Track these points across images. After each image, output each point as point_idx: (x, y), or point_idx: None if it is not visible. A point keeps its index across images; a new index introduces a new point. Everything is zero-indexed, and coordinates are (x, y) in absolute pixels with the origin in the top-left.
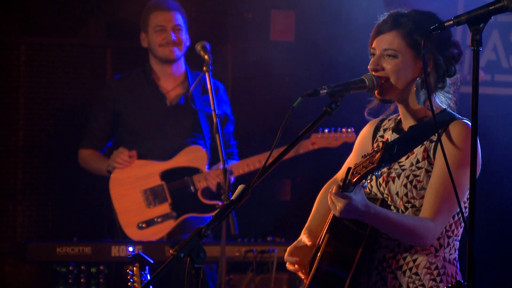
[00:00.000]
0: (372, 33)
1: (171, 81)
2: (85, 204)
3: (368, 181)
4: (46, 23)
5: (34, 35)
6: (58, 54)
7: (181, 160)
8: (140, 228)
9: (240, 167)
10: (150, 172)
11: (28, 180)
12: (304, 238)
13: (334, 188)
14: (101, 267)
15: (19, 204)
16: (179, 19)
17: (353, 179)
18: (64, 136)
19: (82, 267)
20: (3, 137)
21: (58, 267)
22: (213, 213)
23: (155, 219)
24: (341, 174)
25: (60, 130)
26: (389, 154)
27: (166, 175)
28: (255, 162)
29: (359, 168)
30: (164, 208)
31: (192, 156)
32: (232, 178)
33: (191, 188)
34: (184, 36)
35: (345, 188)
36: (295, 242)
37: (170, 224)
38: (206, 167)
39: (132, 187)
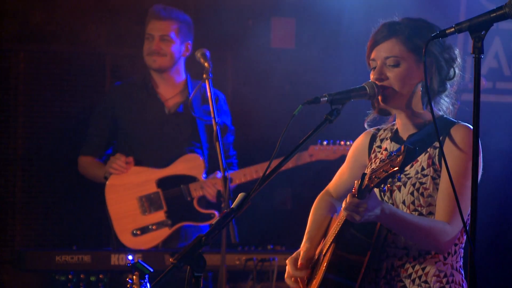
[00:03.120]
0: (368, 45)
1: (170, 89)
2: (84, 213)
3: (388, 185)
4: (45, 30)
5: (33, 43)
6: (57, 61)
7: (178, 168)
8: (135, 235)
9: (237, 177)
10: (147, 179)
11: (27, 189)
12: (303, 251)
13: (349, 197)
14: (100, 276)
15: (18, 213)
16: (171, 29)
17: (371, 184)
18: (63, 144)
19: (82, 276)
20: (2, 145)
21: (57, 276)
22: (211, 222)
23: (149, 227)
24: (333, 184)
25: (59, 138)
26: (411, 157)
27: (162, 183)
28: (252, 172)
29: (379, 172)
30: (159, 215)
31: (189, 164)
32: (231, 187)
33: (187, 196)
34: (176, 47)
35: (360, 194)
36: (295, 254)
37: (165, 232)
38: (203, 176)
39: (128, 194)
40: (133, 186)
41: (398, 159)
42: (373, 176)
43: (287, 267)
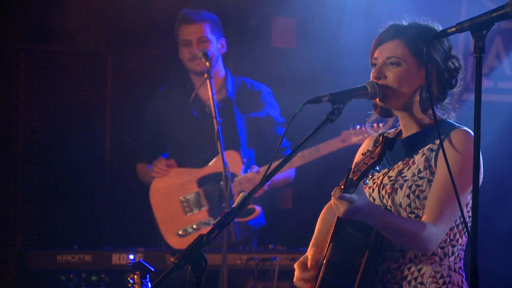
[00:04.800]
0: (373, 44)
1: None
2: (85, 212)
3: (370, 177)
4: (46, 30)
5: (34, 42)
6: (59, 61)
7: (216, 166)
8: (180, 236)
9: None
10: (188, 179)
11: (28, 188)
12: (311, 254)
13: (336, 190)
14: (102, 275)
15: (19, 212)
16: (205, 30)
17: (354, 178)
18: (64, 143)
19: (83, 275)
20: (3, 144)
21: (58, 275)
22: (253, 217)
23: (193, 226)
24: None
25: (60, 138)
26: (389, 147)
27: (202, 182)
28: (300, 158)
29: (360, 165)
30: (202, 215)
31: (227, 161)
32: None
33: (227, 193)
34: (214, 46)
35: (346, 189)
36: (302, 258)
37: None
38: (241, 171)
39: (171, 196)
40: (175, 188)
41: (377, 150)
42: (356, 169)
43: (295, 271)
